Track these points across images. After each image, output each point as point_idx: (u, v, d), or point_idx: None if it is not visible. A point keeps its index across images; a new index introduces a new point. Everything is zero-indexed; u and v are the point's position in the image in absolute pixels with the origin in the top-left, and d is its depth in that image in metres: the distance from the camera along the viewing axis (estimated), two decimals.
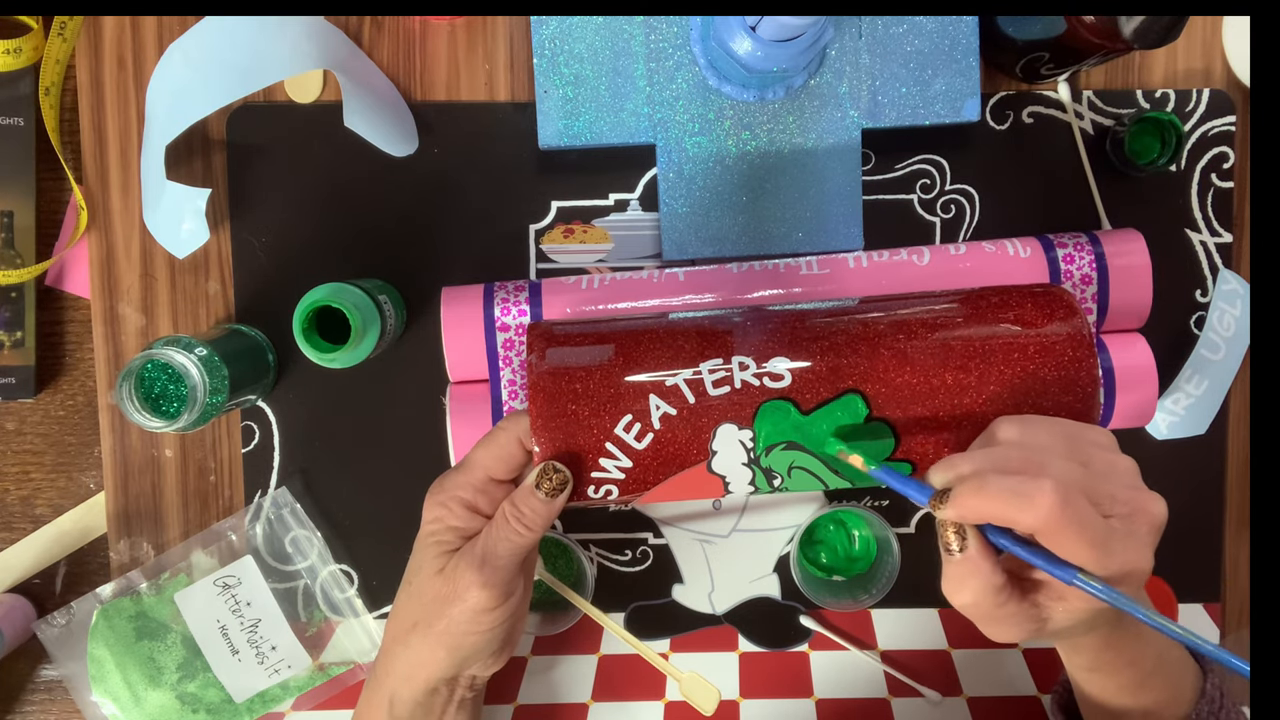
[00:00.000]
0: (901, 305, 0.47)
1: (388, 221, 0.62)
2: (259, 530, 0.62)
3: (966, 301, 0.46)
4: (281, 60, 0.52)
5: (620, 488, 0.45)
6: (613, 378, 0.45)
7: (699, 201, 0.59)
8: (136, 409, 0.53)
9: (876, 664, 0.63)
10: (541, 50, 0.58)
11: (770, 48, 0.51)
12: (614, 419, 0.44)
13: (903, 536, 0.63)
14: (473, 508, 0.46)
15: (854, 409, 0.44)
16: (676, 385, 0.44)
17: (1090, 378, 0.44)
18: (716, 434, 0.44)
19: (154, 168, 0.54)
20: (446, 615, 0.45)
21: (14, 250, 0.61)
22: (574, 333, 0.47)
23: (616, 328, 0.47)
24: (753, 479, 0.45)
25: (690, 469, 0.44)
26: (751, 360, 0.44)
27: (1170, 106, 0.62)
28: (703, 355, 0.45)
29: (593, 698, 0.63)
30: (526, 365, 0.46)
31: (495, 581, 0.44)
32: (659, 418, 0.44)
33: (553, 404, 0.44)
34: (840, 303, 0.48)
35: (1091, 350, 0.44)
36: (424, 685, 0.47)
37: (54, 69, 0.60)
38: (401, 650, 0.47)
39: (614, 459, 0.44)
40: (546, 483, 0.44)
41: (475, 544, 0.45)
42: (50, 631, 0.61)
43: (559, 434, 0.44)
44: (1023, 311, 0.45)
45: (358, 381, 0.62)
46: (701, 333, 0.46)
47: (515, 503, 0.44)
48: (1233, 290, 0.62)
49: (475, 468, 0.46)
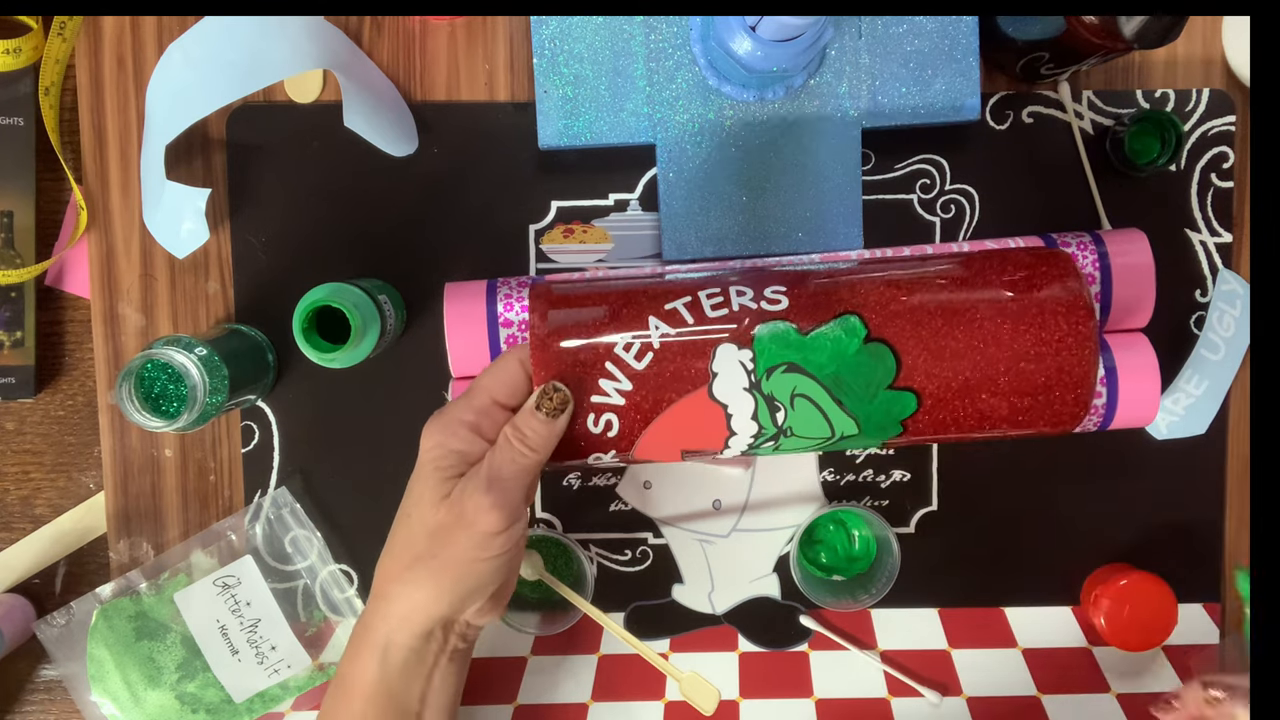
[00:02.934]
0: (900, 265, 0.49)
1: (388, 221, 0.62)
2: (259, 530, 0.62)
3: (965, 263, 0.48)
4: (281, 60, 0.52)
5: (621, 416, 0.45)
6: (612, 302, 0.46)
7: (699, 201, 0.59)
8: (136, 409, 0.53)
9: (876, 664, 0.63)
10: (541, 50, 0.58)
11: (770, 48, 0.51)
12: (613, 338, 0.45)
13: (903, 536, 0.63)
14: (476, 429, 0.45)
15: (852, 329, 0.44)
16: (675, 309, 0.46)
17: (1081, 300, 0.46)
18: (716, 354, 0.45)
19: (154, 168, 0.54)
20: (453, 542, 0.43)
21: (14, 250, 0.61)
22: (576, 277, 0.50)
23: (617, 281, 0.49)
24: (755, 410, 0.45)
25: (691, 395, 0.45)
26: (749, 289, 0.46)
27: (1170, 106, 0.62)
28: (701, 287, 0.47)
29: (593, 698, 0.63)
30: (529, 304, 0.47)
31: (504, 503, 0.43)
32: (658, 336, 0.45)
33: (552, 323, 0.45)
34: (839, 264, 0.50)
35: (1080, 277, 0.46)
36: (422, 627, 0.45)
37: (54, 69, 0.60)
38: (399, 590, 0.45)
39: (614, 380, 0.45)
40: (547, 402, 0.44)
41: (480, 468, 0.44)
42: (50, 631, 0.61)
43: (558, 353, 0.45)
44: (1018, 260, 0.48)
45: (358, 381, 0.62)
46: (700, 279, 0.48)
47: (517, 425, 0.44)
48: (1233, 290, 0.62)
49: (479, 391, 0.46)
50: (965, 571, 0.64)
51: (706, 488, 0.64)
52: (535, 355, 0.45)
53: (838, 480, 0.64)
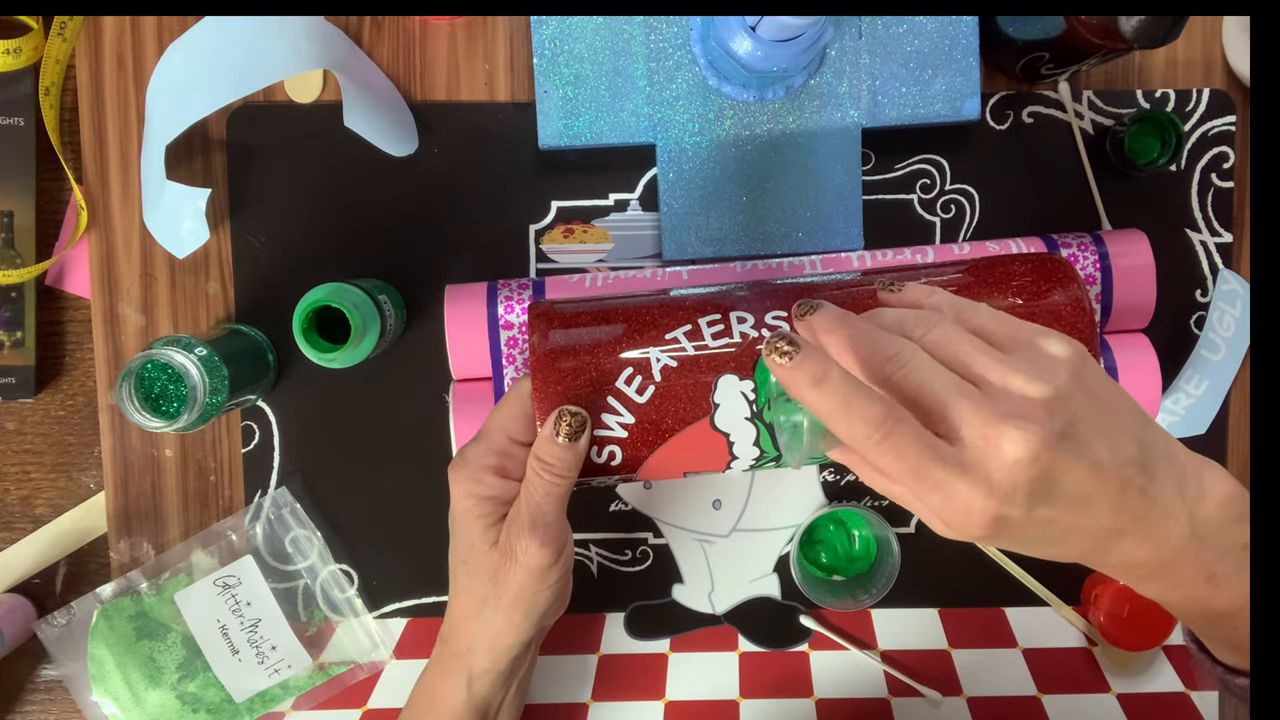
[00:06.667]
0: (909, 276, 0.48)
1: (388, 221, 0.62)
2: (259, 530, 0.62)
3: (969, 270, 0.48)
4: (281, 60, 0.52)
5: (624, 448, 0.45)
6: (613, 334, 0.46)
7: (699, 201, 0.59)
8: (136, 409, 0.53)
9: (876, 664, 0.63)
10: (541, 50, 0.58)
11: (770, 48, 0.51)
12: (614, 372, 0.45)
13: (903, 536, 0.63)
14: (502, 472, 0.46)
15: None
16: (676, 338, 0.45)
17: (1082, 306, 0.46)
18: (718, 385, 0.45)
19: (154, 168, 0.54)
20: (514, 582, 0.46)
21: (14, 250, 0.61)
22: (574, 300, 0.49)
23: (616, 301, 0.49)
24: (757, 437, 0.45)
25: (693, 425, 0.45)
26: (750, 315, 0.45)
27: (1170, 106, 0.62)
28: (702, 313, 0.46)
29: (593, 698, 0.63)
30: (528, 334, 0.47)
31: (549, 538, 0.45)
32: (659, 369, 0.45)
33: (553, 362, 0.45)
34: (842, 275, 0.49)
35: (1080, 282, 0.47)
36: (508, 653, 0.48)
37: (54, 69, 0.60)
38: (478, 626, 0.47)
39: (616, 414, 0.45)
40: (564, 426, 0.44)
41: (519, 509, 0.46)
42: (50, 631, 0.61)
43: (560, 388, 0.45)
44: (1018, 268, 0.47)
45: (358, 381, 0.62)
46: (701, 299, 0.48)
47: (538, 455, 0.45)
48: (1233, 290, 0.62)
49: (494, 433, 0.47)
50: (965, 571, 0.64)
51: (706, 488, 0.64)
52: (536, 391, 0.45)
53: (838, 480, 0.64)
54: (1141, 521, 0.36)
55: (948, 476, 0.34)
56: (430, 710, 0.50)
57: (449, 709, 0.49)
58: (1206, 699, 0.62)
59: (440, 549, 0.50)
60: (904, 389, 0.35)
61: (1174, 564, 0.37)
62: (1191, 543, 0.37)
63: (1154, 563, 0.37)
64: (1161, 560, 0.37)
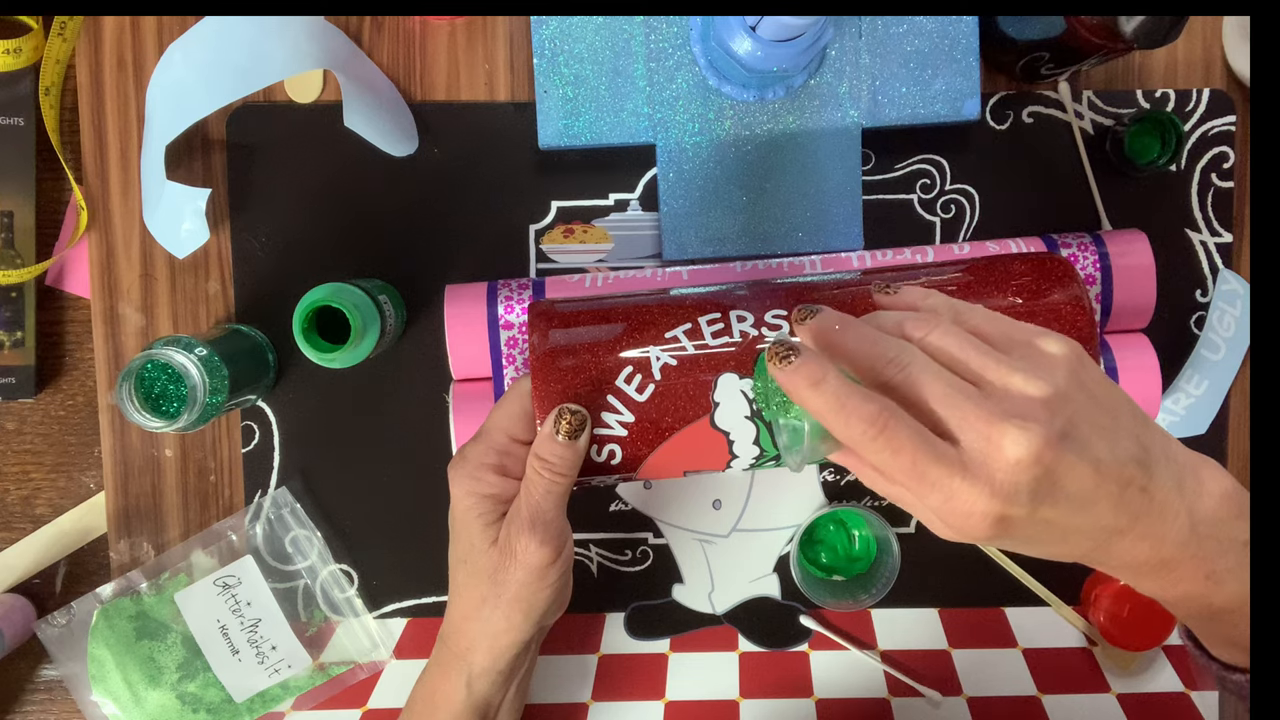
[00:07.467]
0: (908, 276, 0.48)
1: (388, 221, 0.62)
2: (259, 530, 0.62)
3: (969, 270, 0.48)
4: (281, 60, 0.52)
5: (624, 447, 0.46)
6: (613, 333, 0.46)
7: (699, 201, 0.59)
8: (136, 409, 0.53)
9: (876, 664, 0.63)
10: (541, 50, 0.58)
11: (770, 48, 0.51)
12: (614, 370, 0.45)
13: (903, 536, 0.63)
14: (502, 471, 0.46)
15: None
16: (676, 337, 0.45)
17: (1081, 306, 0.46)
18: (718, 384, 0.45)
19: (154, 168, 0.54)
20: (513, 581, 0.46)
21: (14, 250, 0.61)
22: (574, 300, 0.49)
23: (616, 301, 0.49)
24: (757, 436, 0.45)
25: (693, 424, 0.45)
26: (750, 314, 0.45)
27: (1170, 106, 0.62)
28: (702, 312, 0.46)
29: (593, 698, 0.63)
30: (528, 333, 0.47)
31: (549, 537, 0.45)
32: (659, 368, 0.45)
33: (553, 361, 0.45)
34: (842, 275, 0.49)
35: (1080, 282, 0.47)
36: (507, 652, 0.48)
37: (54, 69, 0.60)
38: (477, 625, 0.47)
39: (616, 413, 0.45)
40: (564, 424, 0.44)
41: (518, 507, 0.46)
42: (50, 631, 0.61)
43: (560, 387, 0.45)
44: (1018, 268, 0.48)
45: (358, 381, 0.62)
46: (701, 298, 0.48)
47: (538, 453, 0.45)
48: (1233, 290, 0.62)
49: (494, 432, 0.47)
50: (965, 571, 0.64)
51: (706, 488, 0.64)
52: (536, 390, 0.45)
53: (838, 480, 0.64)
54: (1141, 519, 0.36)
55: (948, 476, 0.34)
56: (430, 710, 0.50)
57: (449, 708, 0.49)
58: (1206, 699, 0.62)
59: (440, 549, 0.50)
60: (904, 391, 0.35)
61: (1173, 561, 0.37)
62: (1191, 540, 0.37)
63: (1153, 560, 0.37)
64: (1161, 558, 0.37)
